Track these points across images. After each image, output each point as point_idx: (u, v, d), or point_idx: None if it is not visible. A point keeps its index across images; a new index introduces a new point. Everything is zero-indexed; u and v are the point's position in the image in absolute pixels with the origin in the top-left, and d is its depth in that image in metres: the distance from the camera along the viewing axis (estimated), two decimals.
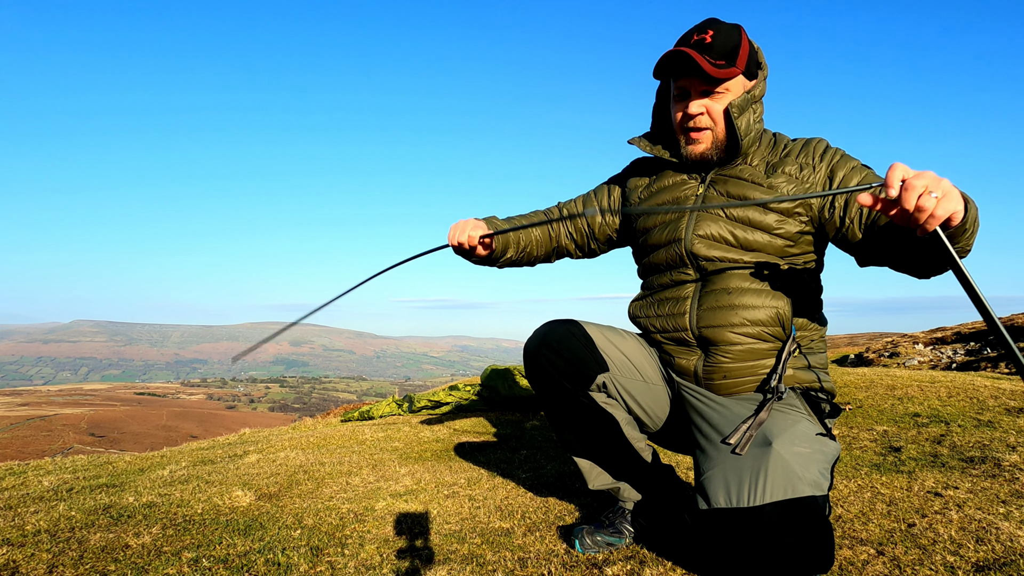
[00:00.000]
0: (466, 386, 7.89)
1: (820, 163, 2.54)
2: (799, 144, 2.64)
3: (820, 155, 2.56)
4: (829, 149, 2.58)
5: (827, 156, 2.56)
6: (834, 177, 2.50)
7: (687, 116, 2.58)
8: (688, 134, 2.61)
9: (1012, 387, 6.11)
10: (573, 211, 3.04)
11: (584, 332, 2.72)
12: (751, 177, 2.59)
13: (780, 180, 2.54)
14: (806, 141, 2.64)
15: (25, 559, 2.65)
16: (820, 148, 2.59)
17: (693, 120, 2.57)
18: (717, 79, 2.49)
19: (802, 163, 2.56)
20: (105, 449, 55.99)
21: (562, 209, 3.06)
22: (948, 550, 2.48)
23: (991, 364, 17.24)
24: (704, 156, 2.63)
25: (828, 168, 2.53)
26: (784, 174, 2.55)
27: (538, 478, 3.98)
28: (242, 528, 3.05)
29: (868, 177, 2.45)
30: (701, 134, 2.59)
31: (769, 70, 2.64)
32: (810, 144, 2.62)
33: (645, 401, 2.76)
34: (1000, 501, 2.98)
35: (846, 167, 2.50)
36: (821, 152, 2.57)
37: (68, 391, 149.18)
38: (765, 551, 2.07)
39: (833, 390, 2.63)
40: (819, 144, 2.61)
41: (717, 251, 2.57)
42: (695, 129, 2.59)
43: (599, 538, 2.71)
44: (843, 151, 2.57)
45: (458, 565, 2.59)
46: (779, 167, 2.57)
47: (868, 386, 6.57)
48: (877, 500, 3.11)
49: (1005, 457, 3.70)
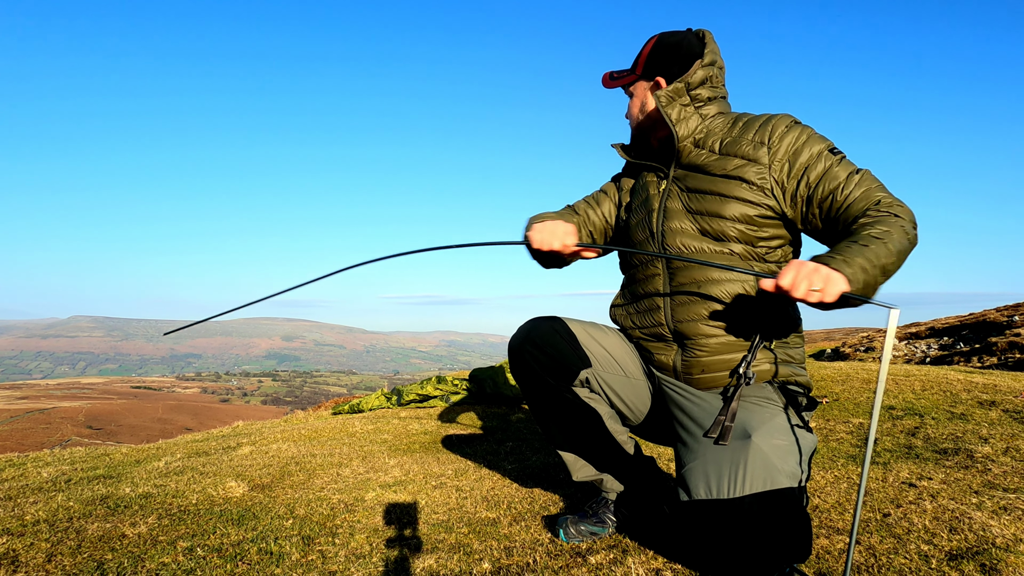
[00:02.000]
0: (453, 380, 7.90)
1: (780, 144, 2.42)
2: (759, 120, 2.52)
3: (781, 134, 2.44)
4: (793, 128, 2.46)
5: (789, 136, 2.43)
6: (795, 163, 2.39)
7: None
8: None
9: (984, 381, 6.15)
10: (587, 211, 3.03)
11: (567, 329, 2.71)
12: (707, 167, 2.52)
13: (733, 165, 2.45)
14: (768, 117, 2.51)
15: (25, 548, 2.63)
16: (781, 126, 2.46)
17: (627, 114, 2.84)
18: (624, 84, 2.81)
19: (758, 141, 2.46)
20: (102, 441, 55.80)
21: (578, 209, 3.05)
22: (922, 539, 2.49)
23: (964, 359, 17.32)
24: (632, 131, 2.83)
25: (790, 150, 2.41)
26: (736, 158, 2.46)
27: (523, 469, 3.99)
28: (236, 518, 3.04)
29: (833, 167, 2.35)
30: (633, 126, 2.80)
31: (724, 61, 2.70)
32: (769, 122, 2.48)
33: (627, 395, 2.76)
34: (973, 491, 2.99)
35: (809, 151, 2.39)
36: (782, 130, 2.45)
37: (66, 385, 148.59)
38: (745, 541, 2.08)
39: (810, 384, 2.62)
40: (780, 121, 2.48)
41: (689, 240, 2.54)
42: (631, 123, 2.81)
43: (583, 527, 2.72)
44: (811, 130, 2.46)
45: (445, 554, 2.59)
46: (733, 147, 2.49)
47: (844, 380, 6.60)
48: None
49: (977, 449, 3.71)
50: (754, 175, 2.43)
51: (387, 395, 7.94)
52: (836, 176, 2.32)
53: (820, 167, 2.36)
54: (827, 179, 2.33)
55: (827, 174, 2.34)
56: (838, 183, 2.30)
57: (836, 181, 2.31)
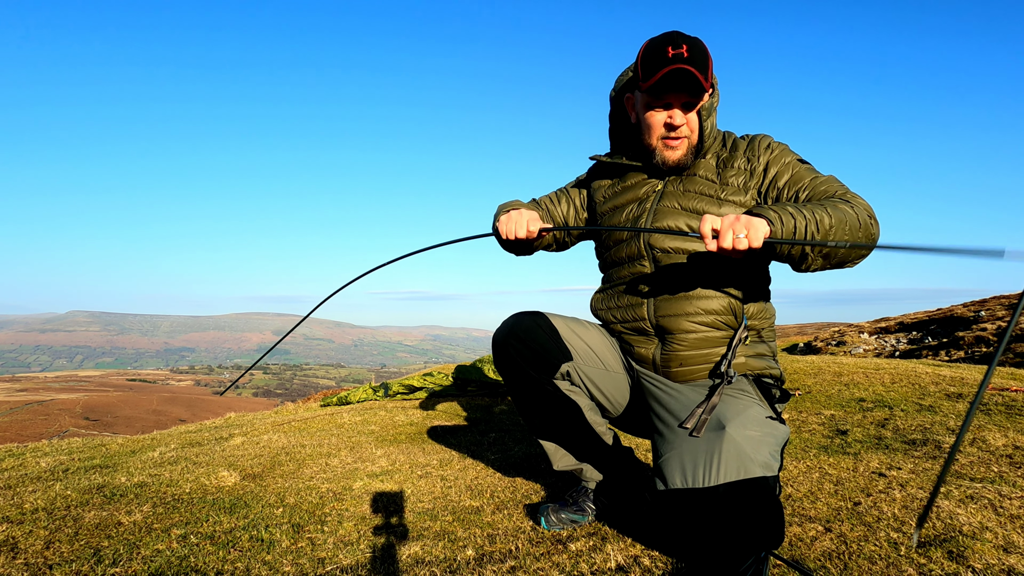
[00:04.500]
0: (439, 373, 7.90)
1: (761, 157, 2.58)
2: (746, 141, 2.67)
3: (763, 149, 2.60)
4: (771, 145, 2.61)
5: (767, 151, 2.59)
6: (768, 171, 2.54)
7: (671, 126, 2.56)
8: (666, 141, 2.60)
9: (952, 374, 6.18)
10: (548, 205, 3.03)
11: (549, 323, 2.72)
12: (705, 174, 2.61)
13: (731, 174, 2.58)
14: (752, 138, 2.67)
15: (24, 535, 2.63)
16: (764, 144, 2.62)
17: (676, 130, 2.57)
18: (704, 92, 2.51)
19: (748, 156, 2.60)
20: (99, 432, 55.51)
21: (547, 209, 3.05)
22: (892, 527, 2.50)
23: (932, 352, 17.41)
24: (679, 163, 2.62)
25: (766, 161, 2.56)
26: (734, 168, 2.58)
27: (506, 459, 3.99)
28: (228, 506, 3.03)
29: (800, 172, 2.49)
30: (680, 142, 2.59)
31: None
32: (755, 140, 2.64)
33: (606, 388, 2.76)
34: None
35: (780, 163, 2.54)
36: (765, 147, 2.60)
37: (64, 378, 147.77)
38: (719, 528, 2.08)
39: (783, 376, 2.65)
40: (763, 140, 2.63)
41: (674, 242, 2.57)
42: (676, 138, 2.58)
43: (563, 516, 2.72)
44: (784, 146, 2.61)
45: (431, 541, 2.59)
46: (729, 162, 2.61)
47: (816, 373, 6.63)
48: (825, 480, 3.13)
49: (945, 440, 3.74)
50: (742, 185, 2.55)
51: (374, 388, 7.93)
52: (802, 178, 2.47)
53: (788, 174, 2.51)
54: (793, 181, 2.48)
55: (793, 177, 2.50)
56: (803, 183, 2.45)
57: (802, 182, 2.46)
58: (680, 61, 2.40)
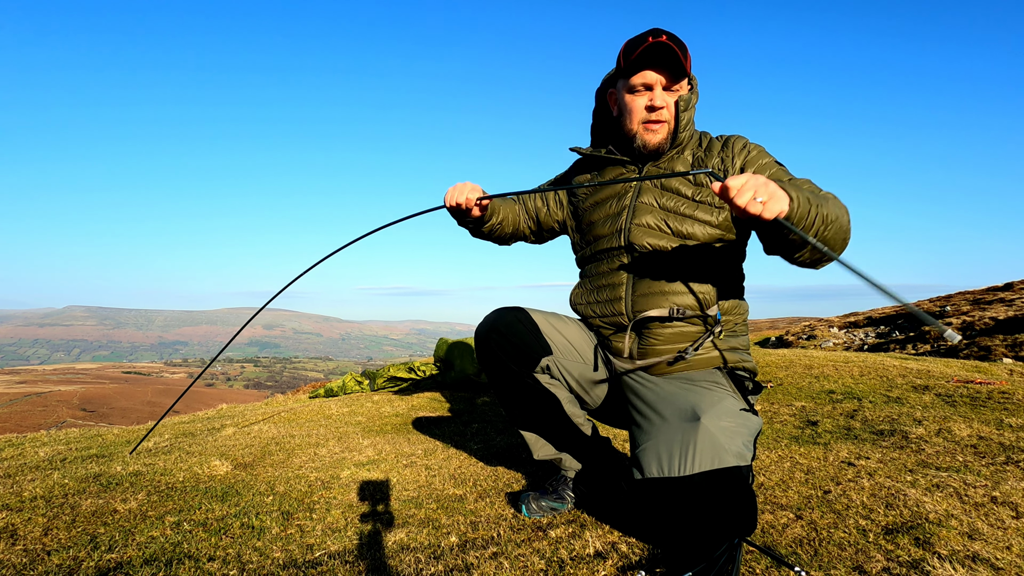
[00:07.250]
0: (422, 366, 7.90)
1: (736, 159, 2.57)
2: (721, 141, 2.67)
3: (739, 150, 2.60)
4: (747, 146, 2.61)
5: (743, 152, 2.59)
6: (744, 171, 2.52)
7: (652, 108, 2.56)
8: (646, 125, 2.60)
9: (918, 367, 6.22)
10: (524, 198, 3.04)
11: (530, 318, 2.72)
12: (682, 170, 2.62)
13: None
14: (727, 139, 2.67)
15: (23, 523, 2.61)
16: (739, 145, 2.62)
17: (657, 112, 2.56)
18: (685, 73, 2.51)
19: (723, 157, 2.60)
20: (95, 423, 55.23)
21: (519, 197, 3.05)
22: (860, 515, 2.51)
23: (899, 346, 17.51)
24: (658, 147, 2.63)
25: (742, 163, 2.56)
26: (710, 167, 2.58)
27: (488, 449, 3.99)
28: (220, 495, 3.02)
29: (775, 175, 2.47)
30: (660, 126, 2.59)
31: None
32: (730, 141, 2.64)
33: (585, 381, 2.77)
34: (908, 470, 3.02)
35: (756, 164, 2.54)
36: (740, 148, 2.60)
37: (62, 370, 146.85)
38: (694, 516, 2.09)
39: (755, 369, 2.67)
40: (737, 141, 2.63)
41: (652, 239, 2.58)
42: (656, 121, 2.58)
43: (544, 503, 2.72)
44: (760, 148, 2.60)
45: (416, 528, 2.59)
46: (705, 161, 2.61)
47: (788, 366, 6.66)
48: (796, 469, 3.14)
49: (912, 430, 3.75)
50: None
51: (358, 379, 7.91)
52: (779, 178, 2.43)
53: (766, 174, 2.48)
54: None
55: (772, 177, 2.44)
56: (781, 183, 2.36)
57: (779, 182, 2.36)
58: (659, 39, 2.43)
